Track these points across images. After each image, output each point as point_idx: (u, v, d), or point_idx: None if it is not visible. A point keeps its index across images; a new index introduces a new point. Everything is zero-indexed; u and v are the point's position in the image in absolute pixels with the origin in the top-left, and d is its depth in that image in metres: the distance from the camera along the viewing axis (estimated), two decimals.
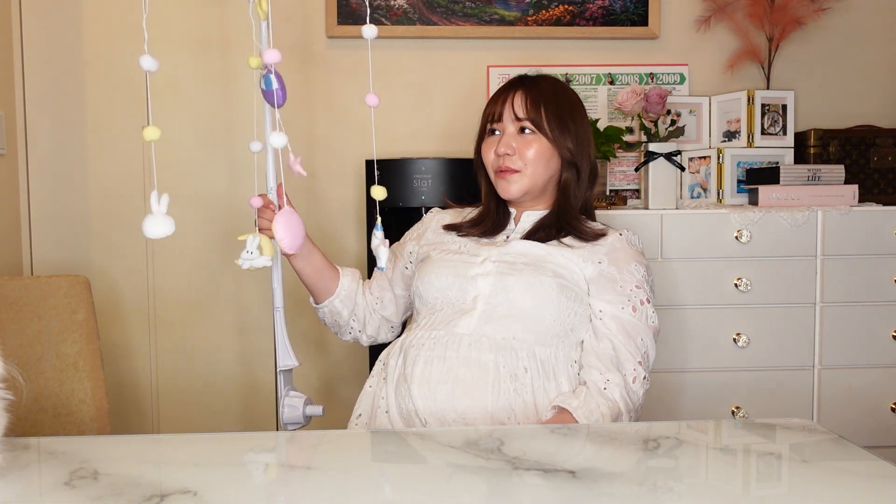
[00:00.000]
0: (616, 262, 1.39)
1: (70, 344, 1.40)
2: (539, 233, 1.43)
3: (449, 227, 1.51)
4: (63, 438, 1.01)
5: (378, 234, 1.30)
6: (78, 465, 0.87)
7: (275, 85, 1.19)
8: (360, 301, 1.53)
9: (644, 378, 1.34)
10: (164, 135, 2.72)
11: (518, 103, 1.42)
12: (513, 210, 1.50)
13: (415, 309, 1.47)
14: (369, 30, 1.19)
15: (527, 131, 1.42)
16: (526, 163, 1.42)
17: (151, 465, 0.92)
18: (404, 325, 1.60)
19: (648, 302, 1.38)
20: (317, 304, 1.54)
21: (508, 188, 1.44)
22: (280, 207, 1.38)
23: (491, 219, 1.49)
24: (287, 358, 1.47)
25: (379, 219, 1.30)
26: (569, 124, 1.43)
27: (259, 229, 1.40)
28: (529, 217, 1.48)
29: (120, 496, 0.78)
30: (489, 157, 1.46)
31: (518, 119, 1.42)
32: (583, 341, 1.37)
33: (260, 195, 1.40)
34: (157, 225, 1.06)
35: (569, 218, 1.44)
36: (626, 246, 1.42)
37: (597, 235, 1.42)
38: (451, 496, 0.78)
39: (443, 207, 1.63)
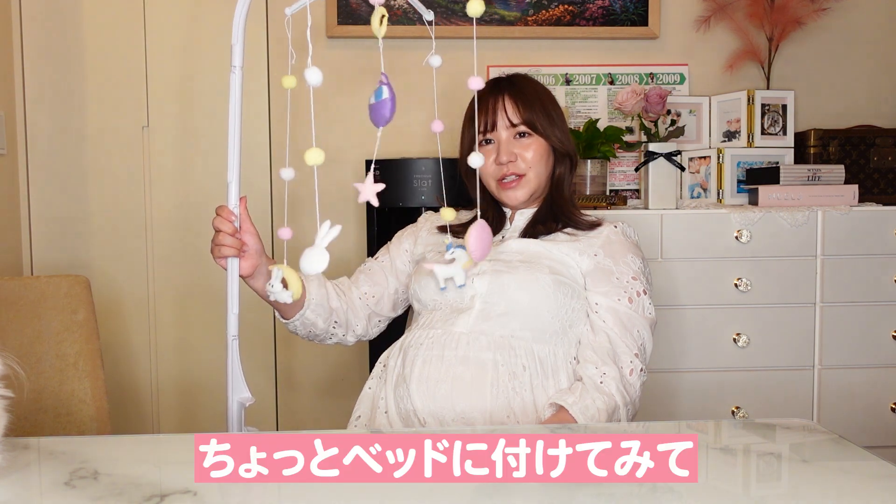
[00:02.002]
0: (612, 255, 1.39)
1: (70, 344, 1.40)
2: (538, 226, 1.43)
3: (444, 229, 1.51)
4: (63, 438, 1.01)
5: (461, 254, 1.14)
6: (78, 465, 0.87)
7: (385, 94, 1.05)
8: (337, 305, 1.44)
9: (641, 370, 1.33)
10: (164, 137, 2.71)
11: (510, 109, 1.42)
12: (506, 210, 1.50)
13: (415, 311, 1.47)
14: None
15: (523, 135, 1.43)
16: (529, 165, 1.43)
17: (151, 465, 0.92)
18: (400, 321, 1.59)
19: (645, 293, 1.37)
20: (285, 319, 1.42)
21: (516, 195, 1.44)
22: (241, 228, 1.26)
23: (491, 224, 1.49)
24: (244, 391, 1.28)
25: (449, 238, 1.17)
26: (553, 116, 1.45)
27: (214, 246, 1.26)
28: (523, 215, 1.48)
29: (120, 496, 0.78)
30: (488, 168, 1.45)
31: (513, 125, 1.42)
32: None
33: (219, 206, 1.26)
34: (313, 259, 0.95)
35: (563, 208, 1.45)
36: (621, 238, 1.42)
37: (592, 225, 1.44)
38: (450, 496, 0.78)
39: (435, 210, 1.63)
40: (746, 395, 2.03)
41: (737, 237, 2.01)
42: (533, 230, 1.43)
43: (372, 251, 2.18)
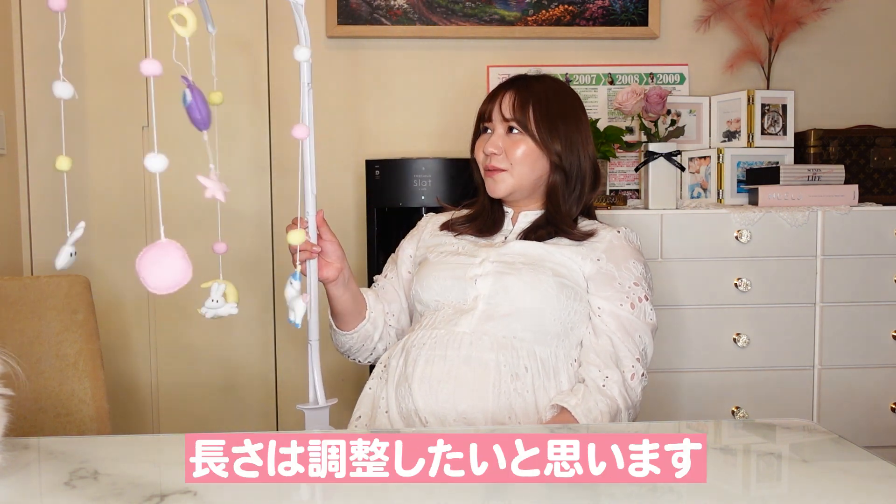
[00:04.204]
0: (615, 259, 1.39)
1: (70, 344, 1.40)
2: (539, 231, 1.43)
3: (445, 226, 1.51)
4: (63, 438, 1.01)
5: (296, 284, 1.17)
6: (78, 465, 0.87)
7: (189, 98, 1.05)
8: (381, 319, 1.48)
9: (643, 375, 1.34)
10: (164, 137, 2.71)
11: (506, 103, 1.42)
12: (509, 210, 1.50)
13: (417, 311, 1.47)
14: (301, 52, 1.08)
15: (514, 131, 1.42)
16: (512, 163, 1.41)
17: (151, 465, 0.92)
18: None
19: (647, 299, 1.38)
20: (345, 330, 1.44)
21: (495, 187, 1.44)
22: (320, 237, 1.30)
23: (486, 216, 1.49)
24: (315, 395, 1.29)
25: (298, 267, 1.21)
26: (559, 126, 1.41)
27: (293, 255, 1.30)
28: (526, 217, 1.47)
29: (120, 496, 0.78)
30: (479, 156, 1.46)
31: (505, 119, 1.42)
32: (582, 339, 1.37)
33: (295, 218, 1.28)
34: (60, 256, 1.00)
35: (558, 224, 1.43)
36: (624, 243, 1.42)
37: (586, 235, 1.41)
38: (452, 496, 0.78)
39: (437, 210, 1.63)
40: (746, 395, 2.03)
41: (737, 237, 2.01)
42: (534, 234, 1.43)
43: (372, 251, 2.18)
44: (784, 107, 2.26)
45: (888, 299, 2.03)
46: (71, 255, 1.02)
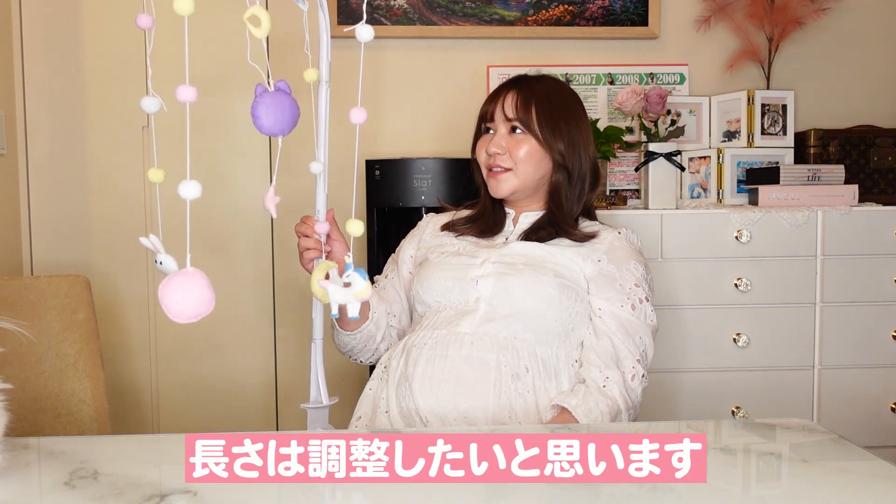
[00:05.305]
0: (615, 261, 1.39)
1: (70, 344, 1.40)
2: (540, 231, 1.43)
3: (446, 227, 1.51)
4: (63, 438, 1.01)
5: (360, 277, 1.07)
6: (78, 465, 0.87)
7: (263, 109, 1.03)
8: (384, 320, 1.48)
9: (643, 376, 1.34)
10: (164, 137, 2.71)
11: (509, 103, 1.42)
12: (511, 211, 1.50)
13: (417, 312, 1.47)
14: (365, 31, 1.09)
15: (517, 131, 1.42)
16: (516, 162, 1.42)
17: (151, 465, 0.92)
18: None
19: (647, 300, 1.38)
20: (350, 331, 1.44)
21: (499, 187, 1.44)
22: (329, 237, 1.30)
23: (487, 216, 1.49)
24: (317, 394, 1.30)
25: (350, 258, 1.12)
26: (561, 126, 1.42)
27: (299, 251, 1.32)
28: (527, 218, 1.47)
29: (120, 496, 0.78)
30: (482, 156, 1.46)
31: (508, 119, 1.42)
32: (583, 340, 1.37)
33: (304, 217, 1.31)
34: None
35: (560, 223, 1.43)
36: (625, 244, 1.42)
37: (587, 237, 1.42)
38: (453, 496, 0.78)
39: (437, 210, 1.63)
40: (746, 395, 2.03)
41: (737, 237, 2.01)
42: (535, 235, 1.43)
43: (372, 251, 2.18)
44: (784, 107, 2.26)
45: (888, 299, 2.03)
46: (159, 263, 1.00)
